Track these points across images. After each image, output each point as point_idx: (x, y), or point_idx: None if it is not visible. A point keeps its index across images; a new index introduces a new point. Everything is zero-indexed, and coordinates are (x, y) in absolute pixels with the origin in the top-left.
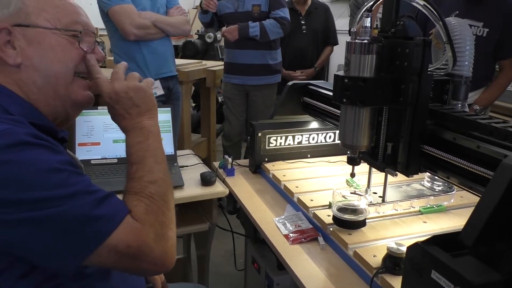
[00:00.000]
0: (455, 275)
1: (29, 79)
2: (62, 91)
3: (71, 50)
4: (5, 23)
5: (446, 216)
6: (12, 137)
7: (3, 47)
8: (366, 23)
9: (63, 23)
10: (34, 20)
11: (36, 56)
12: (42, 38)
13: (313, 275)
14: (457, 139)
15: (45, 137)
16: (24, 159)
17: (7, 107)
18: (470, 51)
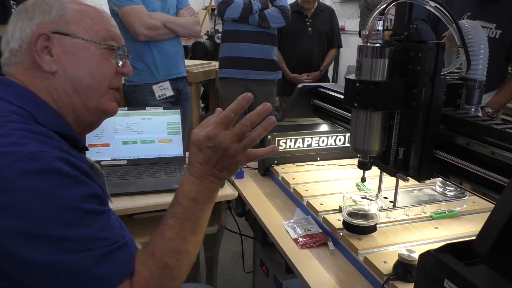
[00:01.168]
0: (468, 284)
1: (61, 88)
2: (92, 103)
3: (105, 64)
4: (45, 29)
5: (458, 222)
6: (43, 162)
7: (41, 52)
8: (378, 26)
9: (99, 36)
10: (73, 29)
11: (71, 67)
12: (78, 49)
13: (322, 280)
14: (471, 144)
15: (74, 160)
16: (46, 190)
17: (35, 115)
18: (484, 54)
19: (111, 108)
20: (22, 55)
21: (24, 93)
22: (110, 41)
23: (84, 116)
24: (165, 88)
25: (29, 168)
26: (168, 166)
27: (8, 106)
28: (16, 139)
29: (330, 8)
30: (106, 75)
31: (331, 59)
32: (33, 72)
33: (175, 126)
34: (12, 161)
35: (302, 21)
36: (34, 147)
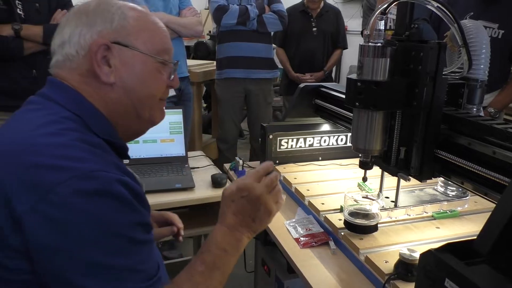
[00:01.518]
0: (469, 284)
1: (117, 99)
2: (145, 115)
3: (159, 78)
4: (105, 38)
5: (459, 221)
6: (101, 183)
7: (100, 62)
8: (380, 26)
9: (155, 49)
10: (132, 41)
11: (128, 79)
12: (136, 61)
13: (324, 279)
14: (472, 144)
15: (131, 184)
16: (98, 214)
17: (88, 122)
18: (486, 54)
19: (160, 119)
20: (79, 62)
21: (78, 98)
22: (164, 55)
23: (135, 126)
24: None
25: (85, 188)
26: (170, 166)
27: (62, 110)
28: (77, 153)
29: (336, 9)
30: (159, 89)
31: (335, 60)
32: (88, 80)
33: (177, 125)
34: (68, 178)
35: (307, 20)
36: (92, 164)
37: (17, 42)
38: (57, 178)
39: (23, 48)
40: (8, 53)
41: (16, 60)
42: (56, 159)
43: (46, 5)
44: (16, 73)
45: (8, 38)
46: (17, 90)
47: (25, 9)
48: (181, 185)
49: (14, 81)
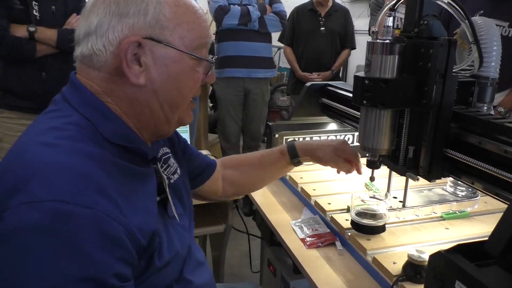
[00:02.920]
0: (480, 286)
1: (145, 101)
2: (174, 118)
3: (194, 77)
4: (137, 35)
5: (469, 222)
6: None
7: (130, 62)
8: (388, 22)
9: (194, 45)
10: (168, 36)
11: (160, 80)
12: (170, 60)
13: (330, 280)
14: (483, 143)
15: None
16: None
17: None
18: (497, 51)
19: (189, 119)
20: (106, 58)
21: (92, 100)
22: (202, 50)
23: (163, 129)
24: None
25: (29, 220)
26: None
27: (72, 114)
28: (52, 172)
29: (344, 8)
30: (193, 89)
31: (343, 59)
32: (115, 79)
33: None
34: (21, 203)
35: (315, 19)
36: (58, 191)
37: (30, 44)
38: (13, 200)
39: (36, 50)
40: (21, 54)
41: (27, 63)
42: (27, 176)
43: (63, 8)
44: (25, 75)
45: (22, 39)
46: (27, 92)
47: (41, 11)
48: None
49: (23, 82)
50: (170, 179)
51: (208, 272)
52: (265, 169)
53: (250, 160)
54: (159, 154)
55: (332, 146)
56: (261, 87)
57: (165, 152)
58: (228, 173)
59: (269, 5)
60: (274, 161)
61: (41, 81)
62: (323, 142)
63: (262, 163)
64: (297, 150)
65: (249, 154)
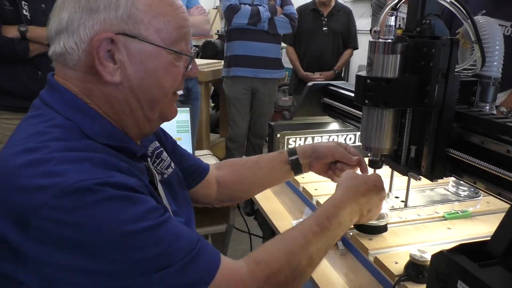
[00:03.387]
0: (483, 286)
1: (123, 99)
2: (154, 115)
3: (174, 72)
4: (109, 31)
5: (471, 222)
6: (88, 191)
7: (103, 59)
8: (390, 21)
9: (171, 38)
10: (142, 30)
11: (136, 77)
12: (147, 56)
13: (332, 280)
14: (485, 143)
15: (115, 180)
16: (100, 221)
17: (82, 126)
18: (500, 51)
19: (172, 115)
20: (79, 56)
21: (73, 101)
22: (181, 44)
23: (145, 127)
24: None
25: (72, 204)
26: None
27: (55, 117)
28: (55, 166)
29: (347, 8)
30: (173, 84)
31: (345, 59)
32: (91, 78)
33: (184, 124)
34: (50, 198)
35: (317, 19)
36: (73, 175)
37: (23, 44)
38: (39, 199)
39: (29, 50)
40: (15, 55)
41: (22, 62)
42: (35, 178)
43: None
44: (22, 74)
45: (14, 40)
46: (24, 92)
47: (31, 10)
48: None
49: (20, 82)
50: (164, 174)
51: None
52: (261, 170)
53: (246, 160)
54: (151, 149)
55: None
56: (268, 87)
57: (156, 146)
58: (222, 174)
59: (280, 7)
60: (271, 159)
61: (38, 80)
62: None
63: (259, 163)
64: (296, 150)
65: (246, 157)
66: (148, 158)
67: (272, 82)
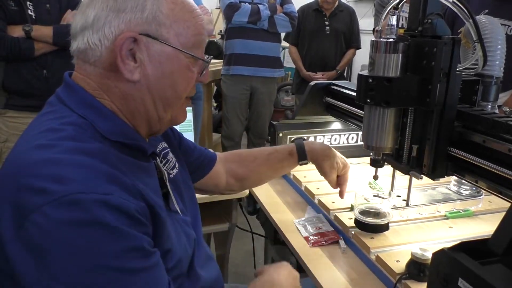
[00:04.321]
0: (484, 284)
1: (139, 97)
2: (167, 116)
3: (188, 76)
4: (133, 31)
5: (473, 221)
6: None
7: (125, 58)
8: (392, 21)
9: (190, 43)
10: (164, 33)
11: (154, 77)
12: (166, 57)
13: (334, 279)
14: (487, 141)
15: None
16: (80, 245)
17: (96, 124)
18: (502, 50)
19: (183, 118)
20: (101, 53)
21: (87, 99)
22: (198, 50)
23: (155, 126)
24: None
25: (61, 217)
26: None
27: (69, 115)
28: (60, 170)
29: (350, 8)
30: (187, 88)
31: (348, 59)
32: (110, 74)
33: (187, 123)
34: (44, 203)
35: (320, 19)
36: (74, 185)
37: (28, 43)
38: (35, 203)
39: (34, 49)
40: (20, 54)
41: (27, 61)
42: (38, 180)
43: (57, 5)
44: (28, 73)
45: (19, 39)
46: (30, 90)
47: (36, 10)
48: None
49: (26, 81)
50: (170, 174)
51: (216, 267)
52: (271, 167)
53: (256, 157)
54: (158, 149)
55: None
56: (268, 86)
57: (164, 147)
58: (232, 167)
59: (280, 5)
60: (281, 160)
61: (43, 79)
62: (331, 156)
63: (269, 161)
64: (306, 153)
65: (254, 150)
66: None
67: (272, 81)
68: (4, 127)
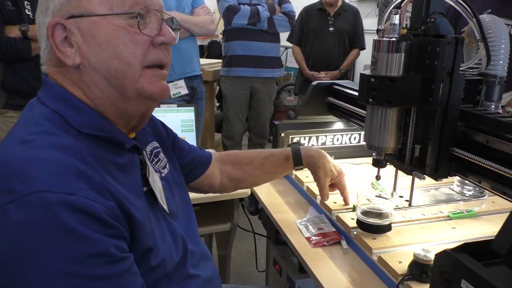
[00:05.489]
0: (487, 285)
1: (90, 81)
2: (129, 90)
3: (132, 38)
4: (58, 16)
5: (476, 222)
6: (41, 209)
7: (61, 46)
8: (395, 20)
9: (119, 4)
10: (86, 6)
11: (92, 53)
12: (96, 29)
13: (336, 279)
14: (490, 141)
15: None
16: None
17: (69, 118)
18: (505, 50)
19: (154, 89)
20: (49, 53)
21: (59, 94)
22: (135, 7)
23: (126, 108)
24: (180, 86)
25: (19, 218)
26: None
27: (43, 110)
28: (29, 168)
29: (354, 8)
30: (135, 52)
31: (352, 59)
32: (62, 69)
33: (189, 123)
34: (7, 202)
35: (324, 19)
36: (39, 184)
37: (24, 43)
38: (2, 200)
39: (31, 49)
40: (17, 54)
41: (25, 61)
42: (7, 178)
43: None
44: (26, 73)
45: (16, 39)
46: (28, 90)
47: (34, 10)
48: None
49: (24, 81)
50: (161, 173)
51: (213, 265)
52: (266, 171)
53: (252, 160)
54: (149, 148)
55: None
56: (267, 86)
57: (155, 146)
58: (227, 169)
59: (278, 5)
60: (277, 165)
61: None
62: (326, 164)
63: (265, 165)
64: (302, 159)
65: (251, 153)
66: (145, 153)
67: (271, 81)
68: (4, 126)
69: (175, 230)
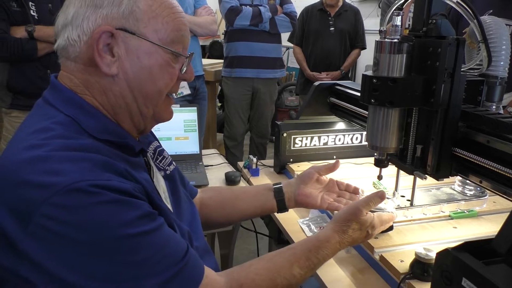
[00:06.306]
0: (488, 284)
1: (119, 92)
2: (149, 112)
3: (169, 72)
4: (109, 25)
5: (477, 222)
6: (86, 193)
7: (102, 51)
8: (397, 21)
9: (168, 39)
10: (141, 28)
11: (132, 71)
12: (143, 52)
13: (338, 279)
14: (491, 142)
15: (112, 184)
16: (93, 222)
17: (81, 122)
18: (507, 50)
19: (168, 116)
20: (80, 48)
21: (71, 98)
22: (178, 46)
23: (139, 122)
24: (182, 86)
25: (70, 203)
26: (185, 163)
27: (55, 115)
28: (55, 164)
29: (355, 8)
30: (168, 84)
31: (352, 59)
32: (90, 69)
33: (192, 123)
34: (51, 195)
35: (325, 19)
36: (72, 175)
37: (31, 43)
38: (40, 196)
39: (37, 49)
40: (23, 55)
41: (31, 61)
42: (37, 175)
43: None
44: (32, 73)
45: (22, 40)
46: (34, 90)
47: (38, 10)
48: (195, 182)
49: (31, 81)
50: (167, 170)
51: (213, 260)
52: (245, 193)
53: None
54: (152, 147)
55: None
56: (269, 86)
57: (157, 145)
58: (206, 195)
59: (280, 5)
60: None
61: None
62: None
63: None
64: (286, 205)
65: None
66: (148, 154)
67: (273, 81)
68: (10, 126)
69: (182, 227)
